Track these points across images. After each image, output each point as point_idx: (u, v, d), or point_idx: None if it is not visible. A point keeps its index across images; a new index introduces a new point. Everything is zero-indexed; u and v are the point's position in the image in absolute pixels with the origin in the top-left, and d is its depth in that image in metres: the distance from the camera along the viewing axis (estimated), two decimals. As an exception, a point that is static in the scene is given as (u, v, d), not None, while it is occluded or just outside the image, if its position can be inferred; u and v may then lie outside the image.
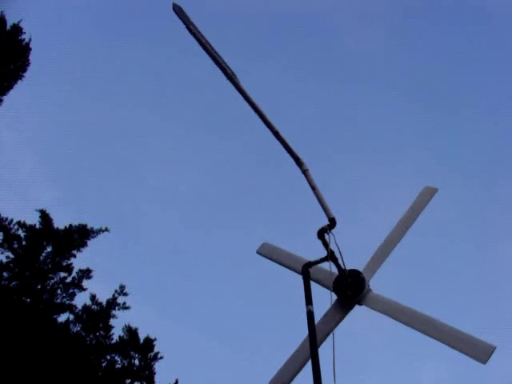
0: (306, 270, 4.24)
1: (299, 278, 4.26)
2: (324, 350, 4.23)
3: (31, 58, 16.69)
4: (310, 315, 3.97)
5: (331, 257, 4.31)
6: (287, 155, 4.70)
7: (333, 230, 4.30)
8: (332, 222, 4.30)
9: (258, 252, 5.34)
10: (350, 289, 4.45)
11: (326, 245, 4.28)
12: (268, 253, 5.27)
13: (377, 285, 4.57)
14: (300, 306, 4.11)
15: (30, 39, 16.51)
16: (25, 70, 16.60)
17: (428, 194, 5.33)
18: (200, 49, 4.72)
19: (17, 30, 16.29)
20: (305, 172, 4.59)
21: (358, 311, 4.49)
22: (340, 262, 4.44)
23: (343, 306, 4.47)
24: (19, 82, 16.61)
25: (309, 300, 4.02)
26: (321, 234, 4.27)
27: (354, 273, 4.54)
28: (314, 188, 4.49)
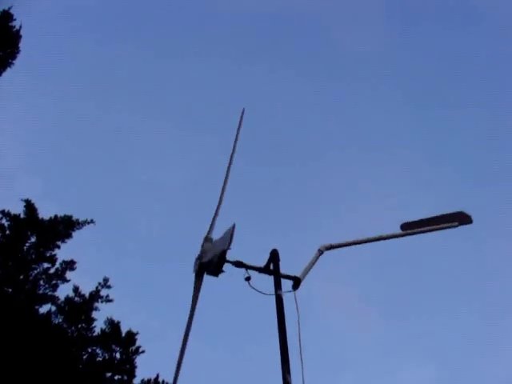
0: (275, 254, 4.27)
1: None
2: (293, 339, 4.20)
3: (21, 45, 16.52)
4: (279, 300, 3.95)
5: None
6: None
7: None
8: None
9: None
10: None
11: None
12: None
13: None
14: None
15: (20, 26, 16.35)
16: (14, 58, 16.43)
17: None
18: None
19: (7, 16, 16.11)
20: None
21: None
22: None
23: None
24: (8, 69, 16.45)
25: (278, 284, 4.01)
26: None
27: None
28: None
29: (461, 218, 4.90)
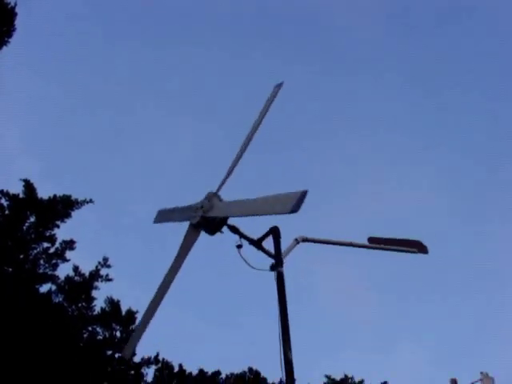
0: (276, 231, 4.26)
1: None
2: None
3: (17, 23, 16.29)
4: (280, 276, 3.95)
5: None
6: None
7: None
8: None
9: (155, 222, 5.42)
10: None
11: None
12: (165, 218, 5.34)
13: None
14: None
15: (15, 3, 16.10)
16: (10, 36, 16.21)
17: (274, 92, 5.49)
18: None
19: (1, -7, 15.85)
20: None
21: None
22: None
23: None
24: (4, 48, 16.24)
25: (279, 262, 4.00)
26: None
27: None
28: None
29: (419, 247, 5.33)
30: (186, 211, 4.84)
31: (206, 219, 4.57)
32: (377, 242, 5.25)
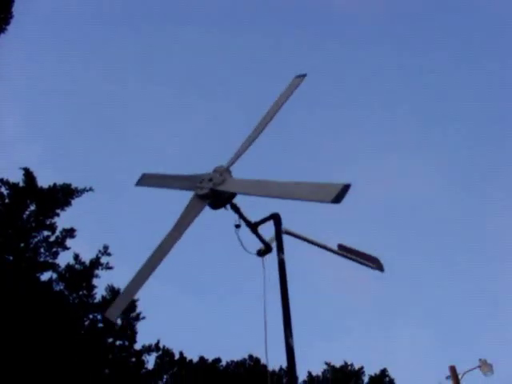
0: (277, 218, 4.25)
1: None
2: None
3: (14, 10, 16.18)
4: (282, 264, 3.95)
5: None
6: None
7: None
8: None
9: (137, 184, 5.20)
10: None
11: None
12: (152, 183, 5.17)
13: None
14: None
15: (13, -9, 15.98)
16: (8, 23, 16.11)
17: (296, 83, 5.33)
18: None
19: (-1, -20, 15.72)
20: None
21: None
22: None
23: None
24: (2, 35, 16.14)
25: (280, 248, 4.00)
26: None
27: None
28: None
29: (377, 264, 5.55)
30: (187, 180, 4.73)
31: (215, 192, 4.47)
32: (344, 250, 5.46)
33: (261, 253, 4.60)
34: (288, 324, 3.75)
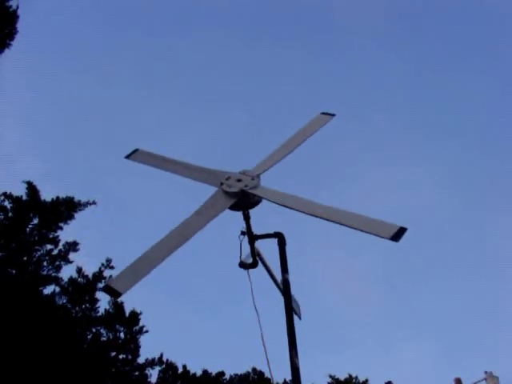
0: (281, 237, 4.24)
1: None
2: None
3: (19, 26, 16.31)
4: (286, 284, 3.93)
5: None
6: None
7: None
8: None
9: (127, 157, 4.91)
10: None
11: None
12: (142, 159, 4.93)
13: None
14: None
15: (17, 6, 16.12)
16: (12, 39, 16.23)
17: (322, 120, 5.04)
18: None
19: (3, -4, 15.85)
20: None
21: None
22: None
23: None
24: (6, 50, 16.25)
25: (285, 268, 3.98)
26: None
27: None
28: None
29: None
30: (211, 174, 4.50)
31: (245, 194, 4.28)
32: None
33: (245, 266, 4.47)
34: (293, 345, 3.72)
